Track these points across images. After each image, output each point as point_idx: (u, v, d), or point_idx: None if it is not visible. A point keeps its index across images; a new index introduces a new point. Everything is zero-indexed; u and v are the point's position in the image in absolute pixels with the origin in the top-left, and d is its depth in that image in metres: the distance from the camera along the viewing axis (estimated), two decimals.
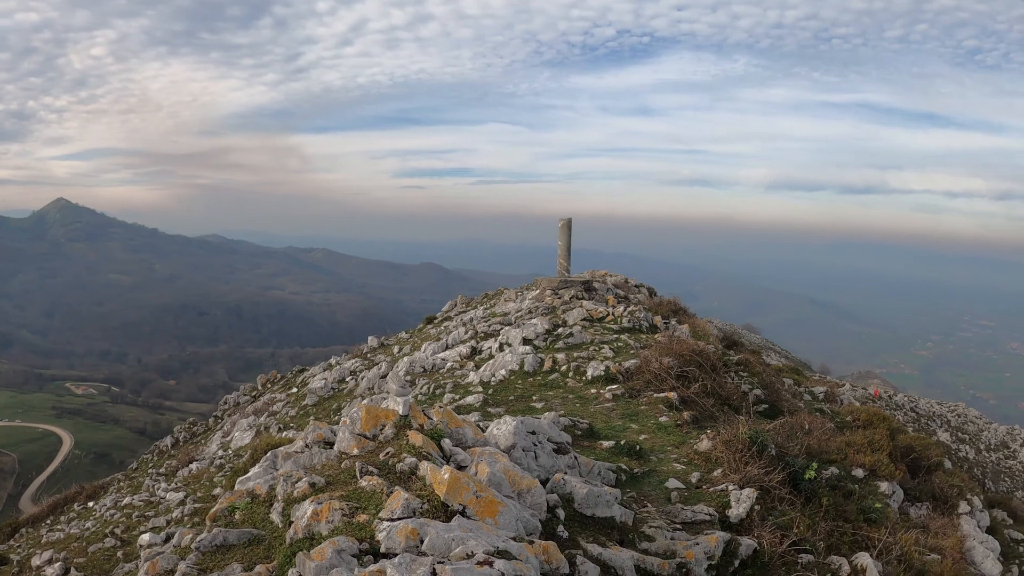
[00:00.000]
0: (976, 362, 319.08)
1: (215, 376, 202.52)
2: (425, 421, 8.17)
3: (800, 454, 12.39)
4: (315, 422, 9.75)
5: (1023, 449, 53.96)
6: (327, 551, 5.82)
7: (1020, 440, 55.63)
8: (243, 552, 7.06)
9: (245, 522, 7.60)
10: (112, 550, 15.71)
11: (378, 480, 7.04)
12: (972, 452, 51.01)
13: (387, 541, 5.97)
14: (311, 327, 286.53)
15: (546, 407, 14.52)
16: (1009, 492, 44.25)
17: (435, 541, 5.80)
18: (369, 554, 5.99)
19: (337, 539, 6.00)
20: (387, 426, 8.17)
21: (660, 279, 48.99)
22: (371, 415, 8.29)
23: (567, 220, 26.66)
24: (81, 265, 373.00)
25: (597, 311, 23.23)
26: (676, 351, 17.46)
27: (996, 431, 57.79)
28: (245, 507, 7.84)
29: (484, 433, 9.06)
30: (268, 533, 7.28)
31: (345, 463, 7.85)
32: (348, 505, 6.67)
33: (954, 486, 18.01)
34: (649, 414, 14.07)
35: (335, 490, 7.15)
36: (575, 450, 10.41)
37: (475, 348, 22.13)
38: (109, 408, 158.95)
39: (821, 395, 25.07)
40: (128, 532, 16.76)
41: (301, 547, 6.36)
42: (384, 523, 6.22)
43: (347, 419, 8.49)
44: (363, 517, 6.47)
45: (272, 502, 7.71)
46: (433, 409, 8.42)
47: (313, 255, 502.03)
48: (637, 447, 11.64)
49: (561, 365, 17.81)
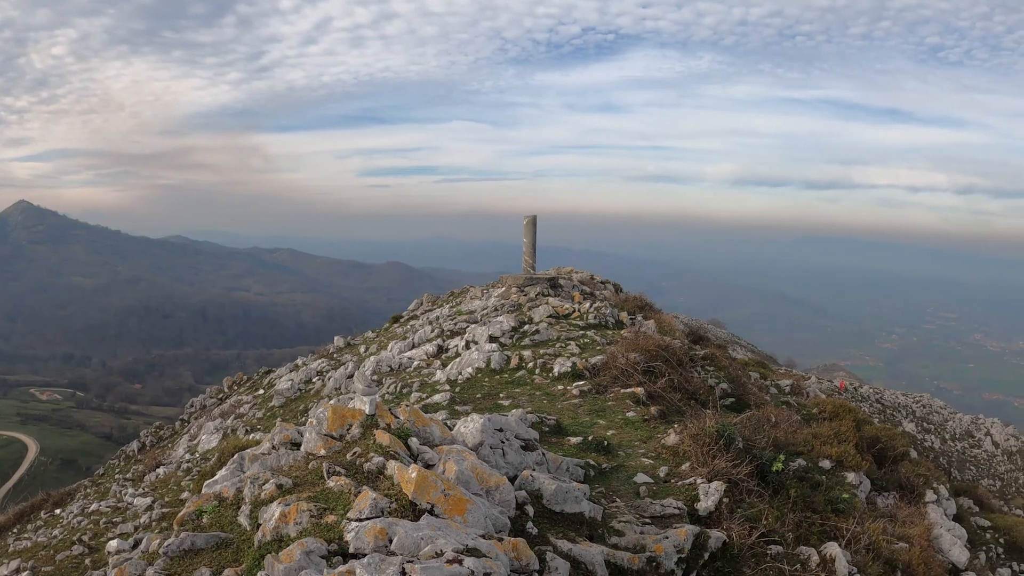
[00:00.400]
0: (940, 353, 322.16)
1: (181, 379, 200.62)
2: (392, 420, 8.13)
3: (767, 446, 12.47)
4: (282, 423, 9.69)
5: (987, 438, 55.05)
6: (295, 553, 5.79)
7: (984, 429, 56.65)
8: (211, 556, 7.00)
9: (213, 525, 7.54)
10: (80, 557, 15.54)
11: (346, 480, 7.01)
12: (937, 442, 51.91)
13: (356, 541, 5.94)
14: (277, 328, 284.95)
15: (513, 404, 14.52)
16: (975, 480, 45.19)
17: (404, 540, 5.78)
18: (338, 555, 5.95)
19: (305, 540, 5.96)
20: (354, 426, 8.13)
21: (626, 275, 49.07)
22: (338, 415, 8.25)
23: (532, 217, 26.69)
24: (44, 268, 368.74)
25: (563, 308, 23.25)
26: (642, 347, 17.50)
27: (961, 420, 58.80)
28: (213, 510, 7.78)
29: (451, 431, 9.03)
30: (236, 536, 7.23)
31: (312, 464, 7.79)
32: (316, 506, 6.63)
33: (920, 475, 18.19)
34: (616, 409, 14.09)
35: (303, 491, 7.10)
36: (543, 447, 10.40)
37: (441, 346, 22.10)
38: (74, 413, 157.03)
39: (787, 388, 25.20)
40: (96, 539, 16.59)
41: (269, 549, 6.31)
42: (352, 523, 6.19)
43: (314, 420, 8.44)
44: (331, 518, 6.44)
45: (240, 505, 7.66)
46: (400, 408, 8.38)
47: (278, 255, 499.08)
48: (605, 442, 11.64)
49: (528, 362, 17.80)
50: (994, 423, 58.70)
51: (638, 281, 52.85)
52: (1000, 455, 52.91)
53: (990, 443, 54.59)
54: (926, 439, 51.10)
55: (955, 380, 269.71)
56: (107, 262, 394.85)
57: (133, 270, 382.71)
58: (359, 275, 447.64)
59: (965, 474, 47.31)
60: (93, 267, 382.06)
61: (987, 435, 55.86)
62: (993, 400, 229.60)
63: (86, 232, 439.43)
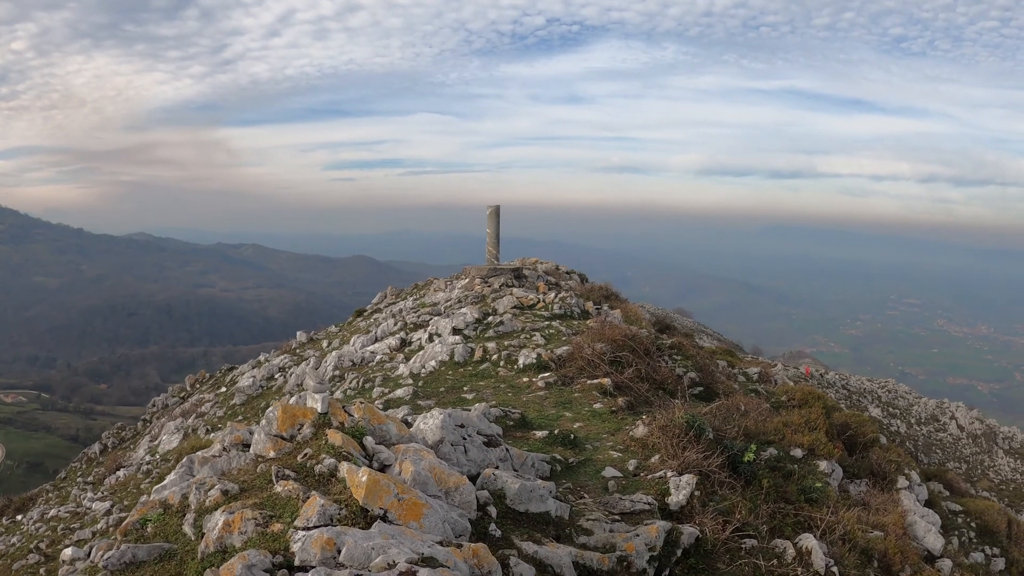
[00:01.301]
0: (904, 339, 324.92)
1: (147, 378, 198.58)
2: (346, 419, 7.69)
3: (738, 436, 12.17)
4: (232, 424, 9.25)
5: (952, 422, 55.85)
6: (236, 567, 5.35)
7: (949, 413, 57.55)
8: (153, 569, 6.55)
9: (157, 535, 7.10)
10: (36, 567, 14.98)
11: (294, 485, 6.59)
12: (904, 426, 52.41)
13: (302, 553, 5.51)
14: (243, 324, 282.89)
15: (477, 398, 14.14)
16: (941, 463, 45.54)
17: (353, 551, 5.37)
18: (283, 567, 5.52)
19: (248, 553, 5.52)
20: (305, 425, 7.67)
21: (592, 266, 48.92)
22: (288, 414, 7.80)
23: (495, 207, 26.28)
24: (5, 268, 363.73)
25: (527, 298, 22.89)
26: (609, 337, 17.16)
27: (926, 405, 59.57)
28: (157, 519, 7.33)
29: (410, 428, 8.61)
30: (180, 547, 6.78)
31: (261, 467, 7.37)
32: (262, 514, 6.21)
33: (891, 461, 18.01)
34: (583, 401, 13.74)
35: (249, 497, 6.68)
36: (507, 441, 10.02)
37: (405, 340, 21.67)
38: (40, 415, 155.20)
39: (755, 376, 25.01)
40: (53, 546, 16.02)
41: (212, 562, 5.90)
42: (299, 532, 5.76)
43: (264, 420, 8.00)
44: (278, 526, 6.02)
45: (185, 512, 7.22)
46: (354, 405, 7.92)
47: (243, 251, 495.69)
48: (571, 436, 11.29)
49: (492, 354, 17.43)
50: (959, 407, 59.72)
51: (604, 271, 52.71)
52: (965, 438, 53.74)
53: (955, 427, 55.49)
54: (892, 424, 51.49)
55: (920, 365, 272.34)
56: (70, 261, 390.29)
57: (97, 269, 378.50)
58: (324, 269, 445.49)
59: (931, 457, 47.90)
60: (56, 267, 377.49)
61: (952, 419, 56.66)
62: (957, 384, 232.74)
63: (48, 231, 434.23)
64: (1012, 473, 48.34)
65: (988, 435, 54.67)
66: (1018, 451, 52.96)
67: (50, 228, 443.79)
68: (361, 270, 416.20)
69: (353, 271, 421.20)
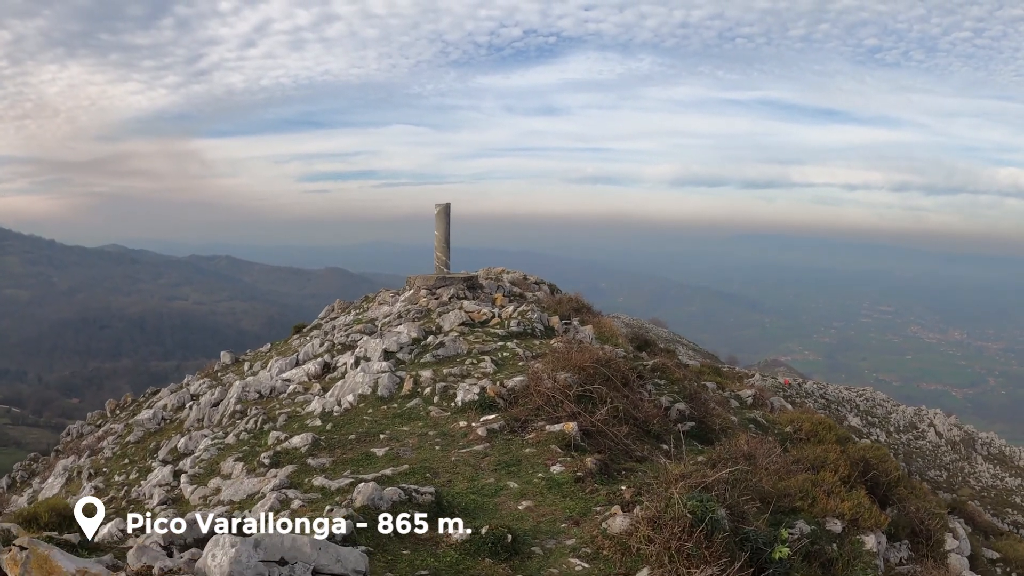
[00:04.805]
0: (878, 346, 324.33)
1: (119, 392, 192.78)
2: None
3: (754, 510, 8.34)
4: None
5: (931, 429, 57.04)
6: None
7: (928, 420, 58.28)
8: None
9: None
10: None
11: None
12: (883, 435, 52.43)
13: None
14: (217, 337, 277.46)
15: (390, 454, 10.18)
16: (922, 471, 46.67)
17: None
18: None
19: None
20: None
21: (565, 276, 46.19)
22: None
23: (444, 205, 22.36)
24: None
25: (480, 313, 18.97)
26: (576, 362, 13.17)
27: (904, 413, 59.85)
28: None
29: (195, 563, 4.64)
30: None
31: None
32: None
33: (934, 514, 14.26)
34: (536, 461, 9.76)
35: None
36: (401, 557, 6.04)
37: (328, 364, 17.71)
38: (10, 430, 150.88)
39: (749, 400, 21.45)
40: None
41: None
42: None
43: None
44: None
45: None
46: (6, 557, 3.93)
47: (216, 263, 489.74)
48: (510, 536, 7.12)
49: (424, 387, 13.52)
50: (936, 414, 59.94)
51: (577, 282, 49.75)
52: (944, 445, 54.01)
53: (934, 434, 55.79)
54: (872, 433, 50.95)
55: (893, 372, 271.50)
56: (42, 273, 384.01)
57: (69, 281, 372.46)
58: (298, 281, 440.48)
59: (912, 465, 47.22)
60: (27, 278, 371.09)
61: (931, 426, 57.02)
62: (932, 390, 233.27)
63: (20, 242, 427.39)
64: (992, 479, 48.51)
65: (967, 441, 54.98)
66: (997, 456, 53.40)
67: (21, 239, 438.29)
68: (335, 282, 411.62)
69: (327, 283, 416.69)
